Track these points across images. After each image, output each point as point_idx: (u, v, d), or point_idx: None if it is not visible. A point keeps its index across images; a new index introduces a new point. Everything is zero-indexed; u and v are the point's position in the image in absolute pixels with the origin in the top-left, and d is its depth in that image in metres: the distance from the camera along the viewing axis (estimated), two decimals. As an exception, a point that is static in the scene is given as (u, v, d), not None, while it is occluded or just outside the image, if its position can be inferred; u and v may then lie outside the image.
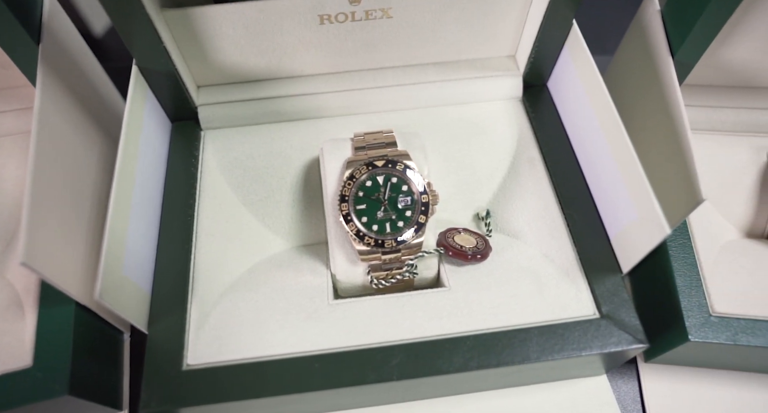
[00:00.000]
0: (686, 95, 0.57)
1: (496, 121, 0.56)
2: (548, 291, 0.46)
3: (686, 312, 0.47)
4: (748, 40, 0.53)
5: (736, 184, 0.55)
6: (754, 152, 0.56)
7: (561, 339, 0.43)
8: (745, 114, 0.57)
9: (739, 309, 0.47)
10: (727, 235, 0.54)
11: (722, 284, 0.48)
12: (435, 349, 0.43)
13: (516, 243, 0.51)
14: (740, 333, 0.46)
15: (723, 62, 0.55)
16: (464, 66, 0.57)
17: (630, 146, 0.44)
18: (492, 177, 0.54)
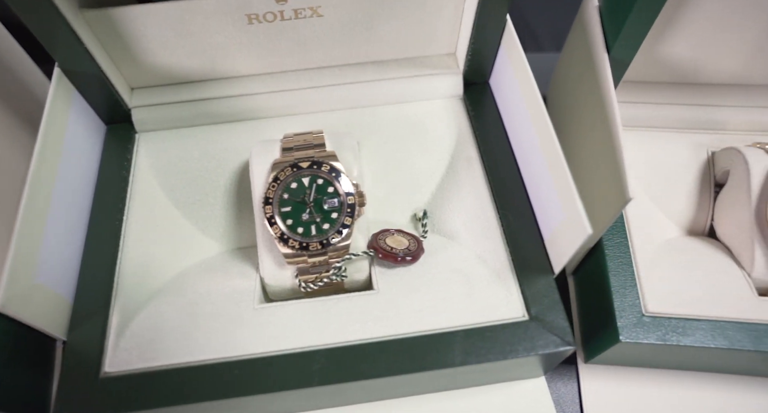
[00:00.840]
0: (627, 92, 0.57)
1: (436, 119, 0.56)
2: (478, 294, 0.45)
3: (619, 312, 0.46)
4: (684, 36, 0.52)
5: (678, 181, 0.55)
6: (696, 149, 0.55)
7: (488, 342, 0.43)
8: (687, 110, 0.56)
9: (673, 309, 0.46)
10: (668, 233, 0.54)
11: (657, 283, 0.48)
12: (359, 354, 0.42)
13: (451, 244, 0.50)
14: (672, 333, 0.45)
15: (662, 58, 0.55)
16: (403, 64, 0.57)
17: (556, 144, 0.43)
18: (430, 177, 0.54)
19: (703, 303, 0.47)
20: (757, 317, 0.46)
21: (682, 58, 0.54)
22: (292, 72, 0.56)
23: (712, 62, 0.54)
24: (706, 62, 0.54)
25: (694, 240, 0.53)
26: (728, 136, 0.56)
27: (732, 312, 0.46)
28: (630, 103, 0.56)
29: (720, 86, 0.57)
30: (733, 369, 0.51)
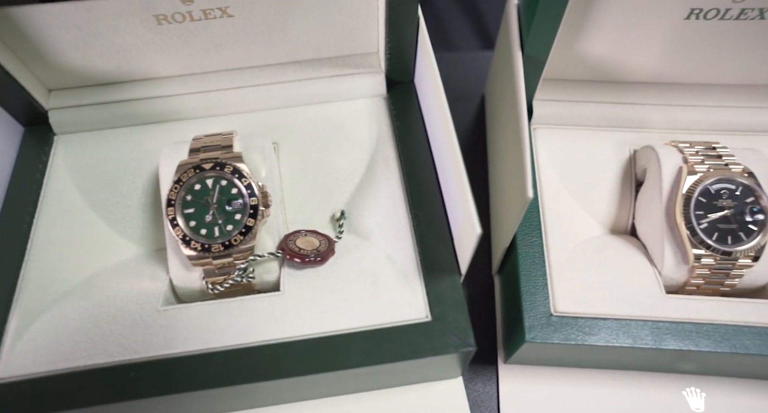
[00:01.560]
0: (550, 90, 0.56)
1: (358, 119, 0.55)
2: (383, 295, 0.45)
3: (527, 312, 0.46)
4: (600, 34, 0.52)
5: (601, 180, 0.54)
6: (619, 147, 0.55)
7: (388, 343, 0.42)
8: (610, 108, 0.56)
9: (581, 308, 0.46)
10: (589, 231, 0.53)
11: (569, 282, 0.48)
12: (257, 356, 0.42)
13: (364, 244, 0.49)
14: (578, 333, 0.45)
15: (583, 56, 0.54)
16: (325, 64, 0.56)
17: (455, 143, 0.43)
18: (350, 177, 0.53)
19: (612, 302, 0.47)
20: (662, 315, 0.46)
21: (602, 56, 0.54)
22: (213, 73, 0.55)
23: (631, 60, 0.54)
24: (625, 60, 0.54)
25: (614, 238, 0.52)
26: (651, 134, 0.56)
27: (637, 311, 0.46)
28: (553, 101, 0.56)
29: (640, 84, 0.57)
30: (647, 366, 0.50)
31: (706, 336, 0.44)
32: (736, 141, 0.55)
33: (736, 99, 0.56)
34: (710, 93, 0.56)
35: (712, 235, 0.46)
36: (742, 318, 0.45)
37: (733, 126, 0.55)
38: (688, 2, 0.48)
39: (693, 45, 0.52)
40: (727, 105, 0.55)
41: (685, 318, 0.46)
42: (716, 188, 0.47)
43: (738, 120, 0.55)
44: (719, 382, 0.51)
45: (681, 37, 0.51)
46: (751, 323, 0.45)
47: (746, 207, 0.47)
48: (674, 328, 0.45)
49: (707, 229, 0.47)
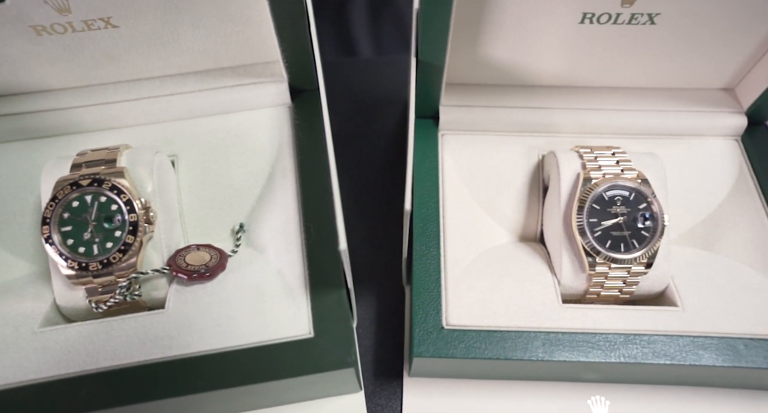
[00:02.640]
0: (455, 95, 0.55)
1: (260, 129, 0.54)
2: (268, 311, 0.44)
3: (417, 325, 0.45)
4: (500, 38, 0.51)
5: (509, 186, 0.53)
6: (527, 152, 0.54)
7: (268, 361, 0.41)
8: (518, 113, 0.55)
9: (476, 321, 0.45)
10: (496, 239, 0.53)
11: (466, 294, 0.47)
12: (133, 377, 0.41)
13: (258, 258, 0.48)
14: (470, 346, 0.44)
15: (489, 61, 0.53)
16: (227, 74, 0.55)
17: (329, 152, 0.42)
18: (250, 189, 0.52)
19: (508, 314, 0.46)
20: (557, 326, 0.45)
21: (507, 60, 0.53)
22: (111, 85, 0.54)
23: (536, 64, 0.53)
24: (530, 64, 0.53)
25: (519, 246, 0.52)
26: (561, 139, 0.55)
27: (533, 322, 0.45)
28: (460, 107, 0.55)
29: (549, 88, 0.56)
30: (551, 376, 0.50)
31: (596, 347, 0.44)
32: (643, 144, 0.54)
33: (640, 102, 0.55)
34: (616, 96, 0.55)
35: (605, 243, 0.46)
36: (635, 326, 0.45)
37: (640, 129, 0.55)
38: (580, 7, 0.47)
39: (592, 49, 0.51)
40: (632, 108, 0.55)
41: (579, 328, 0.45)
42: (610, 194, 0.47)
43: (643, 123, 0.54)
44: (623, 390, 0.50)
45: (579, 41, 0.50)
46: (643, 331, 0.44)
47: (638, 213, 0.46)
48: (567, 339, 0.44)
49: (601, 237, 0.46)
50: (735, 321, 0.45)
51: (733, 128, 0.54)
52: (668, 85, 0.56)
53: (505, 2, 0.47)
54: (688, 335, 0.44)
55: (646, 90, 0.56)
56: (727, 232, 0.51)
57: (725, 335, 0.44)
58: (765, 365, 0.43)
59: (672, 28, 0.49)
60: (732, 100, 0.55)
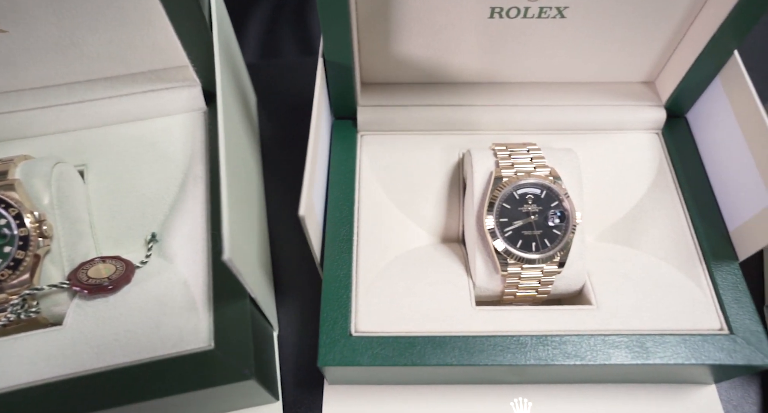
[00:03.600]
0: (372, 95, 0.54)
1: (173, 136, 0.53)
2: (169, 323, 0.43)
3: (324, 333, 0.43)
4: (411, 36, 0.50)
5: (428, 186, 0.52)
6: (448, 151, 0.53)
7: (166, 375, 0.40)
8: (438, 111, 0.54)
9: (388, 327, 0.44)
10: (415, 241, 0.51)
11: (378, 299, 0.46)
12: (22, 401, 0.39)
13: (167, 269, 0.47)
14: (380, 353, 0.43)
15: (404, 59, 0.52)
16: (138, 79, 0.53)
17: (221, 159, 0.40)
18: (163, 198, 0.51)
19: (421, 318, 0.45)
20: (470, 329, 0.44)
21: (423, 57, 0.52)
22: (13, 93, 0.52)
23: (452, 61, 0.52)
24: (447, 61, 0.52)
25: (438, 248, 0.51)
26: (483, 136, 0.54)
27: (446, 326, 0.44)
28: (377, 107, 0.54)
29: (469, 85, 0.55)
30: (472, 380, 0.49)
31: (508, 350, 0.43)
32: (565, 140, 0.53)
33: (562, 97, 0.54)
34: (538, 92, 0.55)
35: (516, 243, 0.45)
36: (548, 327, 0.44)
37: (562, 125, 0.54)
38: (487, 1, 0.46)
39: (506, 44, 0.50)
40: (554, 104, 0.54)
41: (491, 331, 0.44)
42: (521, 193, 0.46)
43: (565, 118, 0.53)
44: (547, 390, 0.49)
45: (491, 36, 0.49)
46: (555, 331, 0.44)
47: (549, 211, 0.45)
48: (479, 343, 0.43)
49: (512, 237, 0.45)
50: (647, 317, 0.44)
51: (653, 122, 0.54)
52: (589, 79, 0.55)
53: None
54: (599, 334, 0.43)
55: (568, 85, 0.55)
56: (646, 228, 0.50)
57: (636, 332, 0.44)
58: (673, 361, 0.42)
59: (582, 20, 0.48)
60: (652, 93, 0.55)
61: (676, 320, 0.44)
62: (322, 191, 0.50)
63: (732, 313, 0.44)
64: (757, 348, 0.43)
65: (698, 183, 0.51)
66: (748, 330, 0.43)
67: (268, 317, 0.49)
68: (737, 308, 0.44)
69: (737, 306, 0.44)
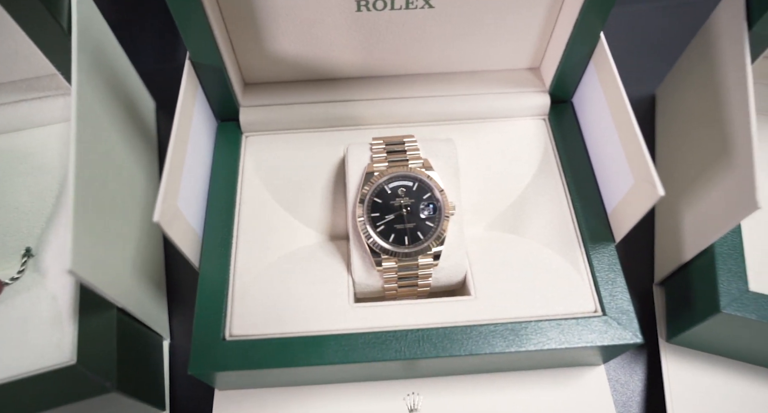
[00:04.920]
0: (254, 95, 0.53)
1: (48, 147, 0.51)
2: (33, 340, 0.41)
3: (196, 340, 0.42)
4: (286, 33, 0.49)
5: (314, 184, 0.52)
6: (333, 147, 0.53)
7: (27, 393, 0.39)
8: (321, 108, 0.53)
9: (265, 329, 0.43)
10: (302, 241, 0.51)
11: (255, 301, 0.45)
12: None
13: (38, 284, 0.46)
14: (252, 356, 0.42)
15: (281, 57, 0.51)
16: (7, 88, 0.52)
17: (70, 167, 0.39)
18: (39, 211, 0.49)
19: (296, 319, 0.44)
20: (349, 326, 0.43)
21: (299, 54, 0.51)
22: None
23: (330, 56, 0.52)
24: (324, 57, 0.52)
25: (323, 247, 0.50)
26: (369, 131, 0.54)
27: (325, 325, 0.44)
28: (259, 106, 0.53)
29: (350, 80, 0.54)
30: (362, 376, 0.48)
31: (387, 345, 0.42)
32: (452, 130, 0.53)
33: (447, 88, 0.54)
34: (423, 83, 0.54)
35: (388, 237, 0.44)
36: (427, 320, 0.44)
37: (448, 115, 0.54)
38: (350, -6, 0.46)
39: (381, 36, 0.50)
40: (439, 94, 0.53)
41: (370, 327, 0.44)
42: (393, 186, 0.45)
43: (451, 108, 0.53)
44: (438, 383, 0.49)
45: (363, 29, 0.49)
46: (434, 324, 0.43)
47: (421, 204, 0.45)
48: (358, 339, 0.43)
49: (384, 232, 0.45)
50: (525, 305, 0.44)
51: (539, 107, 0.54)
52: (474, 68, 0.55)
53: None
54: (476, 324, 0.43)
55: (453, 74, 0.55)
56: (530, 214, 0.50)
57: (513, 320, 0.44)
58: (548, 346, 0.42)
59: (451, 9, 0.48)
60: (536, 79, 0.55)
61: (554, 305, 0.45)
62: (201, 195, 0.49)
63: (606, 295, 0.44)
64: (626, 327, 0.43)
65: (580, 167, 0.51)
66: (619, 311, 0.44)
67: (154, 326, 0.48)
68: (611, 289, 0.45)
69: (611, 288, 0.45)
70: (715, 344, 0.48)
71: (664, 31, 0.74)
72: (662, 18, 0.76)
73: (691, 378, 0.48)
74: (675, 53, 0.64)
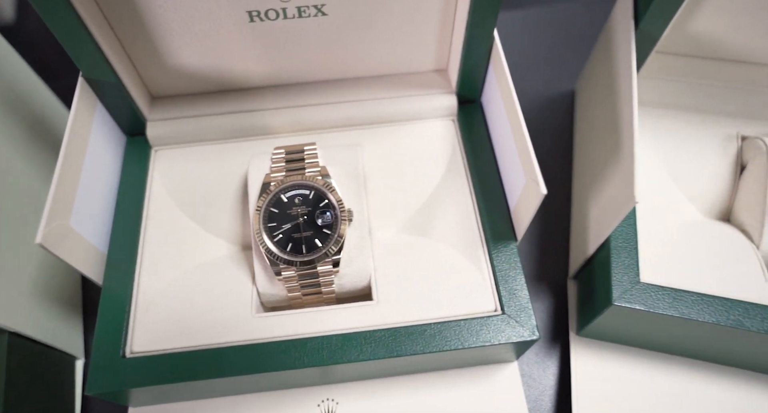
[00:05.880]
0: (161, 109, 0.53)
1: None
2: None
3: (95, 358, 0.42)
4: (185, 45, 0.49)
5: (222, 196, 0.52)
6: (242, 158, 0.52)
7: None
8: (229, 119, 0.53)
9: (167, 344, 0.43)
10: (213, 253, 0.50)
11: (155, 318, 0.45)
12: None
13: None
14: (152, 372, 0.42)
15: (185, 69, 0.51)
16: None
17: None
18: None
19: (199, 332, 0.44)
20: (250, 337, 0.44)
21: (203, 66, 0.51)
22: None
23: (234, 67, 0.52)
24: (228, 68, 0.52)
25: (233, 258, 0.50)
26: (277, 140, 0.54)
27: (224, 336, 0.44)
28: (167, 120, 0.53)
29: (257, 89, 0.54)
30: (272, 385, 0.48)
31: (288, 353, 0.43)
32: (363, 135, 0.54)
33: (357, 93, 0.54)
34: (331, 90, 0.54)
35: (286, 247, 0.45)
36: (329, 327, 0.44)
37: (358, 120, 0.54)
38: (241, 6, 0.46)
39: (281, 46, 0.50)
40: (348, 100, 0.54)
41: (272, 336, 0.44)
42: (289, 196, 0.46)
43: (360, 113, 0.53)
44: (353, 388, 0.49)
45: (261, 39, 0.49)
46: (336, 330, 0.44)
47: (318, 211, 0.45)
48: (260, 349, 0.43)
49: (281, 241, 0.45)
50: (428, 307, 0.45)
51: (446, 109, 0.54)
52: (381, 72, 0.55)
53: (163, 11, 0.45)
54: (377, 329, 0.44)
55: (361, 79, 0.55)
56: (438, 216, 0.51)
57: (415, 323, 0.44)
58: (450, 346, 0.43)
59: (345, 16, 0.48)
60: (444, 80, 0.55)
61: (456, 306, 0.45)
62: (106, 212, 0.49)
63: (505, 294, 0.45)
64: (524, 325, 0.43)
65: (485, 167, 0.51)
66: (518, 309, 0.44)
67: (63, 347, 0.48)
68: (511, 288, 0.45)
69: (511, 286, 0.45)
70: (618, 334, 0.49)
71: (586, 26, 0.75)
72: (585, 13, 0.76)
73: (596, 369, 0.49)
74: (592, 48, 0.65)
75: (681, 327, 0.44)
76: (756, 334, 0.42)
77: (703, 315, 0.43)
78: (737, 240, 0.48)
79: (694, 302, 0.43)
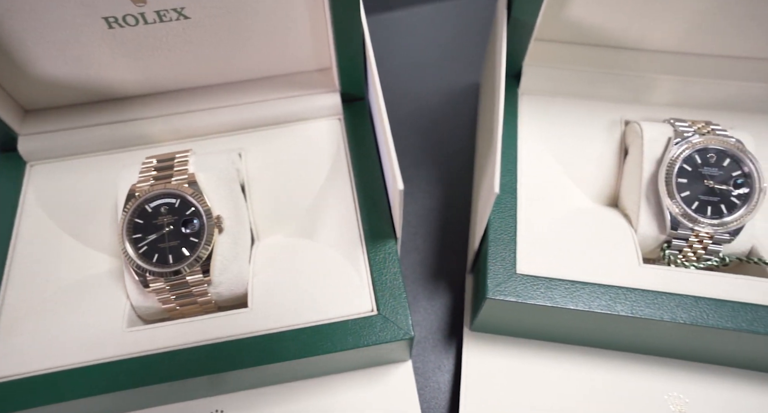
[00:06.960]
0: (36, 122, 0.51)
1: None
2: None
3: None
4: (49, 56, 0.47)
5: (104, 208, 0.50)
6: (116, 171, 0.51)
7: None
8: (104, 130, 0.51)
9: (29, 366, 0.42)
10: (96, 268, 0.49)
11: (20, 340, 0.43)
12: None
13: None
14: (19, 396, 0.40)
15: (51, 82, 0.50)
16: None
17: None
18: None
19: (66, 351, 0.43)
20: (121, 352, 0.42)
21: (69, 77, 0.49)
22: None
23: (104, 76, 0.50)
24: (96, 77, 0.50)
25: (113, 271, 0.48)
26: (158, 149, 0.52)
27: (92, 354, 0.42)
28: (40, 134, 0.51)
29: (133, 99, 0.53)
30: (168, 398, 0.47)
31: (161, 366, 0.41)
32: (247, 139, 0.53)
33: (238, 97, 0.53)
34: (211, 95, 0.53)
35: (152, 257, 0.43)
36: (201, 337, 0.43)
37: (240, 124, 0.52)
38: (96, 13, 0.44)
39: (150, 52, 0.48)
40: (229, 104, 0.52)
41: (142, 351, 0.42)
42: (154, 205, 0.44)
43: (242, 117, 0.52)
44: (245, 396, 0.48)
45: (126, 46, 0.47)
46: (209, 340, 0.42)
47: (184, 220, 0.44)
48: (131, 365, 0.41)
49: (147, 252, 0.43)
50: (304, 311, 0.44)
51: (331, 107, 0.53)
52: (263, 74, 0.54)
53: (8, 20, 0.44)
54: (250, 336, 0.43)
55: (243, 83, 0.54)
56: (323, 217, 0.50)
57: (290, 327, 0.43)
58: (328, 350, 0.42)
59: (208, 19, 0.47)
60: (328, 79, 0.54)
61: (333, 308, 0.44)
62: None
63: (382, 294, 0.44)
64: (398, 324, 0.43)
65: (367, 165, 0.51)
66: (393, 309, 0.43)
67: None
68: (386, 288, 0.44)
69: (387, 286, 0.44)
70: (508, 327, 0.49)
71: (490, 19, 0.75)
72: (491, 5, 0.76)
73: (487, 363, 0.49)
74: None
75: (561, 316, 0.44)
76: (626, 318, 0.42)
77: (576, 303, 0.42)
78: (618, 225, 0.48)
79: (567, 290, 0.43)
